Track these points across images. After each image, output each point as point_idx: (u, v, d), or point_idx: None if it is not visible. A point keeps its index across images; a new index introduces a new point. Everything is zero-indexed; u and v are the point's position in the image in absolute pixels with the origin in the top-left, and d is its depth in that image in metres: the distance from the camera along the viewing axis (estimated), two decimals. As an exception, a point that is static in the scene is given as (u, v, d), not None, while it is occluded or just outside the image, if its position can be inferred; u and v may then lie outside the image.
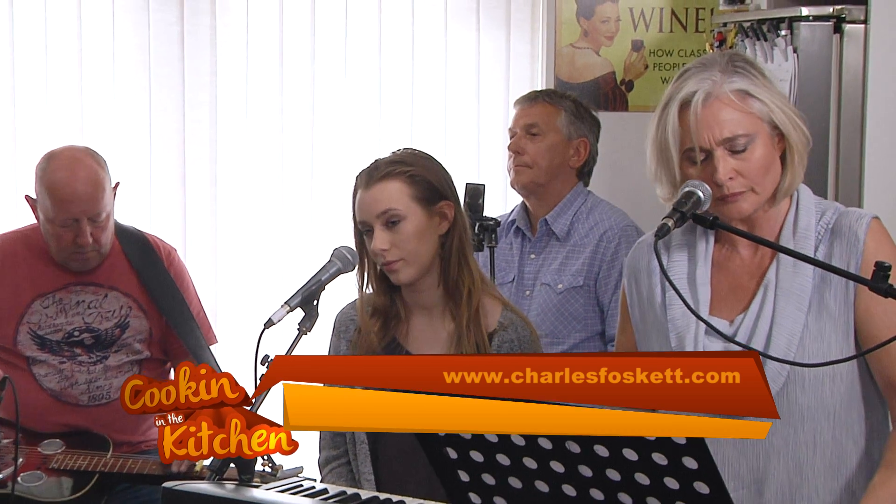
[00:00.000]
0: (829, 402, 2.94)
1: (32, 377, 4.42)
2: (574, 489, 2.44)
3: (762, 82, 2.93)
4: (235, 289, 5.38)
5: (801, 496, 2.97)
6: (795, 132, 2.92)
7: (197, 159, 5.38)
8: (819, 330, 2.93)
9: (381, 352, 3.59)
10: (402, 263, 3.49)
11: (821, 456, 2.96)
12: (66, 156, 4.39)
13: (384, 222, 3.48)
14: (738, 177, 2.88)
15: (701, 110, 2.89)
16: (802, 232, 2.96)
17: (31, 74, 5.29)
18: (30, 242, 4.50)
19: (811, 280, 2.93)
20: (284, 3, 5.34)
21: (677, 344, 2.99)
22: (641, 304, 3.12)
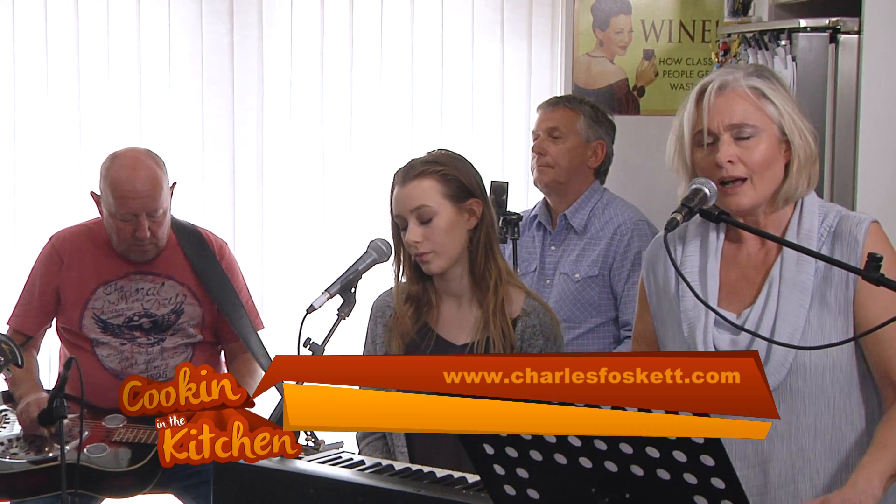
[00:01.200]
0: (829, 391, 2.93)
1: (96, 358, 4.44)
2: (601, 483, 2.44)
3: (781, 91, 2.91)
4: (280, 278, 5.39)
5: (802, 477, 2.95)
6: (801, 141, 2.89)
7: (245, 160, 5.39)
8: (820, 324, 2.91)
9: (416, 335, 3.60)
10: (433, 255, 3.49)
11: (821, 440, 2.95)
12: (128, 156, 4.41)
13: (417, 217, 3.49)
14: (738, 162, 2.86)
15: (715, 97, 2.89)
16: (806, 234, 2.94)
17: (95, 82, 5.31)
18: (94, 235, 4.51)
19: (813, 277, 2.91)
20: (325, 17, 5.34)
21: (689, 333, 2.98)
22: (658, 293, 3.11)
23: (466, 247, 3.54)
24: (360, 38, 5.37)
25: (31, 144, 5.31)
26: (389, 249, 3.60)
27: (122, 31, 5.29)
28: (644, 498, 2.44)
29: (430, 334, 3.59)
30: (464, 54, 5.39)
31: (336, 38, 5.36)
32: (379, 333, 3.65)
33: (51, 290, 4.50)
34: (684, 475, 2.37)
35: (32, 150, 5.31)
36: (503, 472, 2.59)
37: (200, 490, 4.29)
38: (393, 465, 3.23)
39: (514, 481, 2.59)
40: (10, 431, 4.36)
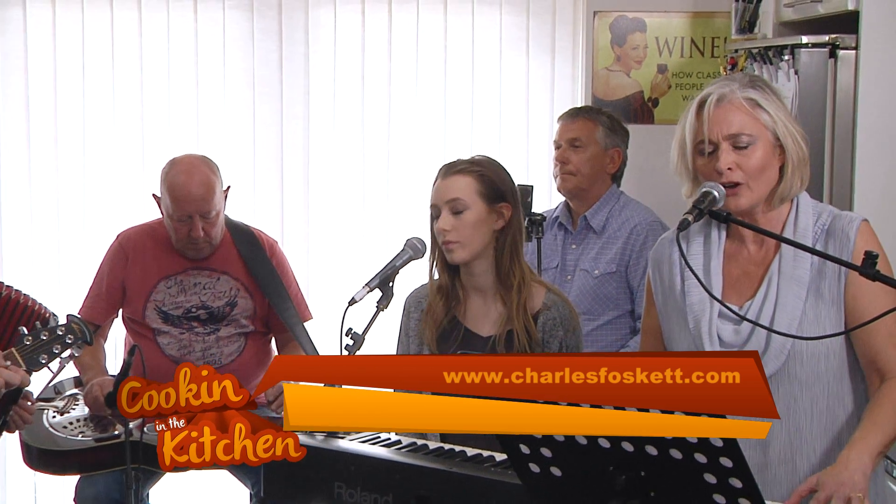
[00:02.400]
0: (823, 376, 2.93)
1: (157, 346, 4.46)
2: (627, 481, 2.43)
3: (773, 100, 2.93)
4: (324, 273, 5.40)
5: (799, 454, 2.95)
6: (794, 146, 2.91)
7: (293, 165, 5.40)
8: (816, 314, 2.91)
9: (446, 326, 3.60)
10: (458, 245, 3.50)
11: (817, 421, 2.95)
12: (185, 162, 4.42)
13: (451, 208, 3.50)
14: (736, 169, 2.87)
15: (714, 109, 2.90)
16: (801, 231, 2.95)
17: (157, 94, 5.34)
18: (155, 234, 4.53)
19: (809, 272, 2.93)
20: (366, 34, 5.35)
21: (694, 326, 2.98)
22: (664, 290, 3.11)
23: (493, 245, 3.55)
24: (398, 53, 5.37)
25: (98, 151, 5.33)
26: (424, 247, 3.60)
27: (181, 48, 5.31)
28: (658, 475, 2.44)
29: (458, 326, 3.59)
30: (492, 68, 5.39)
31: (375, 54, 5.37)
32: (412, 327, 3.66)
33: (117, 284, 4.53)
34: (695, 455, 2.36)
35: (100, 157, 5.34)
36: (528, 452, 2.59)
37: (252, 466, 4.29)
38: (427, 445, 3.23)
39: (538, 460, 2.59)
40: (80, 412, 4.39)
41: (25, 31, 5.26)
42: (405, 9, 5.35)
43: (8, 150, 5.31)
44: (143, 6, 5.28)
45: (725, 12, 5.12)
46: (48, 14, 5.26)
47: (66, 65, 5.28)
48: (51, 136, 5.30)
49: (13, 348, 3.42)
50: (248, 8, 5.32)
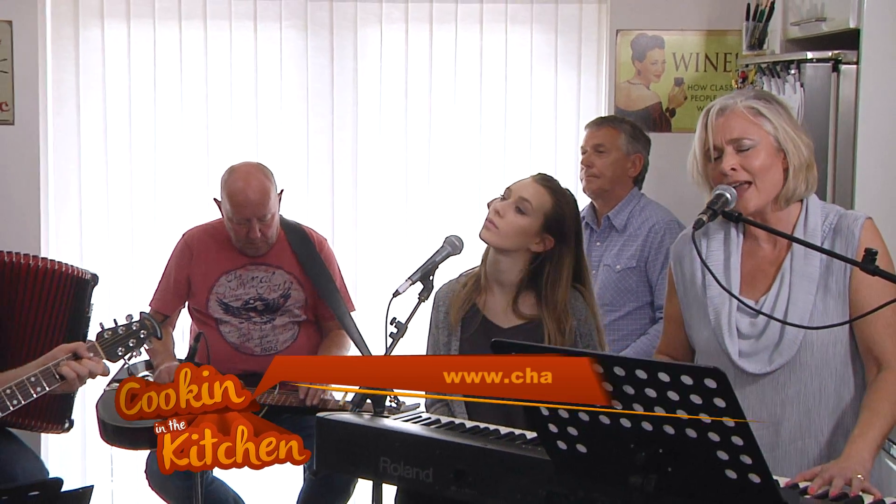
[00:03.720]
0: (831, 362, 2.92)
1: (219, 333, 4.47)
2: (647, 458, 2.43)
3: (775, 109, 2.92)
4: (371, 268, 5.40)
5: (808, 435, 2.94)
6: (795, 150, 2.91)
7: (342, 169, 5.41)
8: (825, 307, 2.91)
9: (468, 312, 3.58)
10: (495, 231, 3.50)
11: (825, 404, 2.93)
12: (242, 170, 4.43)
13: (516, 205, 3.50)
14: (740, 170, 2.87)
15: (716, 118, 2.91)
16: (811, 230, 2.94)
17: (219, 105, 5.35)
18: (217, 233, 4.55)
19: (818, 268, 2.92)
20: (409, 51, 5.35)
21: (714, 318, 2.98)
22: (685, 283, 3.10)
23: (527, 259, 3.53)
24: (438, 68, 5.37)
25: (167, 159, 5.36)
26: (462, 244, 3.59)
27: (242, 63, 5.33)
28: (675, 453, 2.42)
29: (477, 315, 3.59)
30: (524, 81, 5.38)
31: (418, 68, 5.37)
32: (440, 319, 3.65)
33: (183, 278, 4.54)
34: (709, 434, 2.35)
35: (168, 164, 5.36)
36: (556, 430, 2.58)
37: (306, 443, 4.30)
38: (464, 424, 3.22)
39: (565, 438, 2.58)
40: (150, 393, 4.40)
41: (103, 48, 5.29)
42: (445, 28, 5.35)
43: (87, 157, 5.34)
44: (209, 26, 5.30)
45: (737, 30, 5.10)
46: (123, 33, 5.28)
47: (138, 79, 5.31)
48: (125, 145, 5.33)
49: (96, 341, 3.47)
50: (302, 27, 5.32)
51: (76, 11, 5.26)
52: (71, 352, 3.36)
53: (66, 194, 5.34)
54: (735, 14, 5.08)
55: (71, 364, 3.34)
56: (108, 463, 5.32)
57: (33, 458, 4.19)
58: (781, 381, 2.92)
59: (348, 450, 3.18)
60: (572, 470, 2.64)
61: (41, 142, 5.21)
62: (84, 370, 3.34)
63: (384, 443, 3.09)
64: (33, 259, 4.03)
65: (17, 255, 4.01)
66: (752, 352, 2.93)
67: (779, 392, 2.93)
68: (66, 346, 3.39)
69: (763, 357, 2.92)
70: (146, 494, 4.50)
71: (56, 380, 3.33)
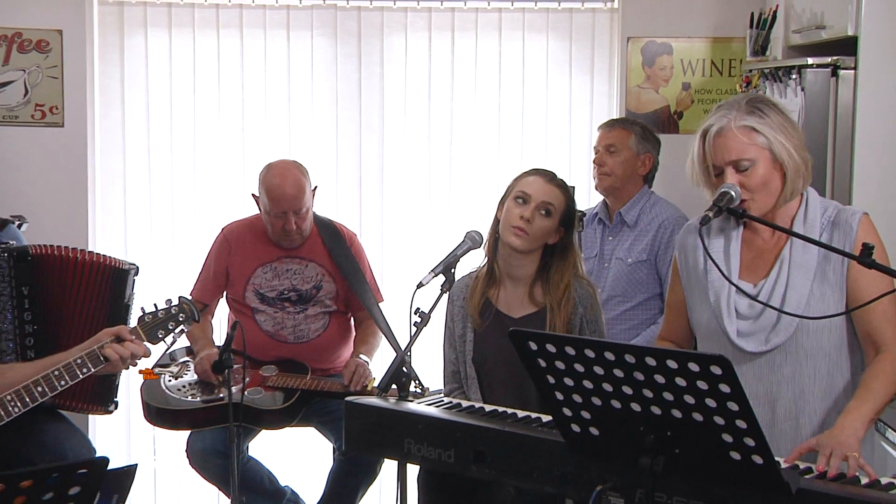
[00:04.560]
0: (826, 347, 2.93)
1: (255, 322, 4.48)
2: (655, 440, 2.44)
3: (769, 121, 2.91)
4: (396, 261, 5.40)
5: (803, 414, 2.95)
6: (789, 158, 2.91)
7: (369, 169, 5.41)
8: (821, 294, 2.91)
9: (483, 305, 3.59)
10: (525, 237, 3.52)
11: (818, 385, 2.94)
12: (279, 166, 4.44)
13: (539, 208, 3.51)
14: (742, 189, 2.88)
15: (714, 139, 2.91)
16: (810, 223, 2.96)
17: (255, 107, 5.36)
18: (254, 228, 4.56)
19: (816, 258, 2.93)
20: (432, 57, 5.35)
21: (714, 300, 3.00)
22: (688, 269, 3.11)
23: (542, 251, 3.56)
24: (459, 73, 5.36)
25: (206, 158, 5.37)
26: (481, 239, 3.59)
27: (276, 69, 5.33)
28: (682, 435, 2.42)
29: (490, 307, 3.59)
30: (540, 85, 5.37)
31: (440, 74, 5.37)
32: (456, 312, 3.65)
33: (222, 270, 4.56)
34: (714, 417, 2.34)
35: (207, 163, 5.37)
36: (570, 414, 2.58)
37: (335, 424, 4.32)
38: (483, 408, 3.22)
39: (579, 421, 2.58)
40: (191, 377, 4.42)
41: (146, 55, 5.30)
42: (466, 35, 5.34)
43: (131, 157, 5.35)
44: (245, 34, 5.30)
45: (741, 37, 5.08)
46: (165, 41, 5.30)
47: (179, 83, 5.32)
48: (166, 145, 5.34)
49: (137, 325, 3.48)
50: (332, 35, 5.33)
51: (121, 21, 5.28)
52: (114, 335, 3.37)
53: (111, 191, 5.35)
54: (739, 22, 5.07)
55: (114, 346, 3.35)
56: (150, 443, 5.35)
57: (81, 438, 4.20)
58: (777, 361, 2.93)
59: (375, 432, 3.18)
60: (585, 451, 2.64)
61: (88, 143, 5.23)
62: (126, 352, 3.35)
63: (408, 425, 3.10)
64: (80, 252, 4.04)
65: (66, 249, 4.03)
66: (750, 332, 2.95)
67: (774, 372, 2.94)
68: (110, 329, 3.40)
69: (760, 337, 2.93)
70: (187, 472, 4.51)
71: (100, 361, 3.34)
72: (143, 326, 3.48)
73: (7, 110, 5.15)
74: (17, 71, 5.15)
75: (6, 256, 3.88)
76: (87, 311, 4.05)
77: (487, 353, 3.55)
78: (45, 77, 5.16)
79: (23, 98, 5.16)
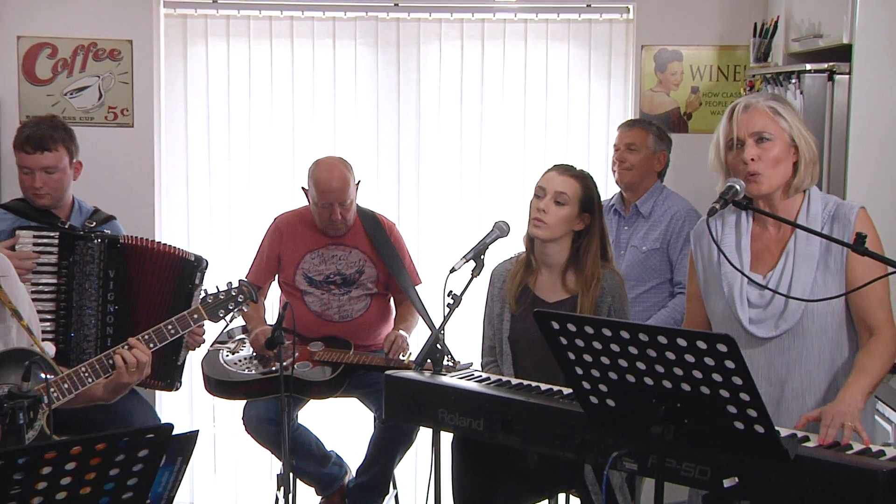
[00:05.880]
0: (829, 330, 2.92)
1: (304, 303, 4.50)
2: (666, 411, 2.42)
3: (790, 111, 2.95)
4: (432, 248, 5.40)
5: (808, 392, 2.94)
6: (806, 146, 2.93)
7: (407, 165, 5.41)
8: (824, 282, 2.91)
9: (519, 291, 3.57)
10: (545, 227, 3.50)
11: (822, 366, 2.94)
12: (326, 162, 4.45)
13: (555, 198, 3.50)
14: (758, 160, 2.88)
15: (741, 113, 2.91)
16: (812, 217, 2.95)
17: (304, 109, 5.36)
18: (303, 218, 4.57)
19: (819, 249, 2.92)
20: (464, 64, 5.33)
21: (728, 290, 3.00)
22: (704, 261, 3.10)
23: (570, 239, 3.52)
24: (488, 78, 5.35)
25: (259, 156, 5.38)
26: (508, 228, 3.59)
27: (323, 74, 5.34)
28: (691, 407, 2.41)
29: (528, 292, 3.58)
30: (562, 89, 5.35)
31: (471, 79, 5.35)
32: (495, 294, 3.65)
33: (274, 256, 4.57)
34: (720, 391, 2.33)
35: (261, 158, 5.39)
36: (589, 387, 2.57)
37: (375, 395, 4.33)
38: (510, 381, 3.22)
39: (596, 393, 2.58)
40: (246, 352, 4.45)
41: (207, 62, 5.31)
42: (494, 44, 5.33)
43: (193, 155, 5.37)
44: (295, 43, 5.31)
45: (745, 45, 5.04)
46: (223, 49, 5.31)
47: (236, 88, 5.33)
48: (225, 144, 5.36)
49: (199, 305, 3.49)
50: (373, 45, 5.32)
51: (185, 32, 5.30)
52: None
53: (175, 184, 5.38)
54: (744, 31, 5.03)
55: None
56: (210, 411, 5.37)
57: (148, 407, 4.23)
58: (786, 345, 2.92)
59: (412, 402, 3.19)
60: (602, 421, 2.63)
61: (155, 141, 5.25)
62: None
63: (442, 396, 3.11)
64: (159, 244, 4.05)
65: (149, 241, 4.04)
66: (761, 319, 2.94)
67: (783, 355, 2.93)
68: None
69: (770, 324, 2.92)
70: (243, 438, 4.54)
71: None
72: (206, 307, 3.49)
73: (83, 112, 5.19)
74: (92, 77, 5.18)
75: (99, 242, 3.92)
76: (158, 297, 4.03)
77: (523, 334, 3.54)
78: (117, 82, 5.18)
79: (97, 101, 5.19)
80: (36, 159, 4.00)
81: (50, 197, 4.06)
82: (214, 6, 5.26)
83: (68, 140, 4.09)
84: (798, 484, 2.43)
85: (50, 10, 5.14)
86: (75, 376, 3.11)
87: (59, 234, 3.92)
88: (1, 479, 2.12)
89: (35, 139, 4.01)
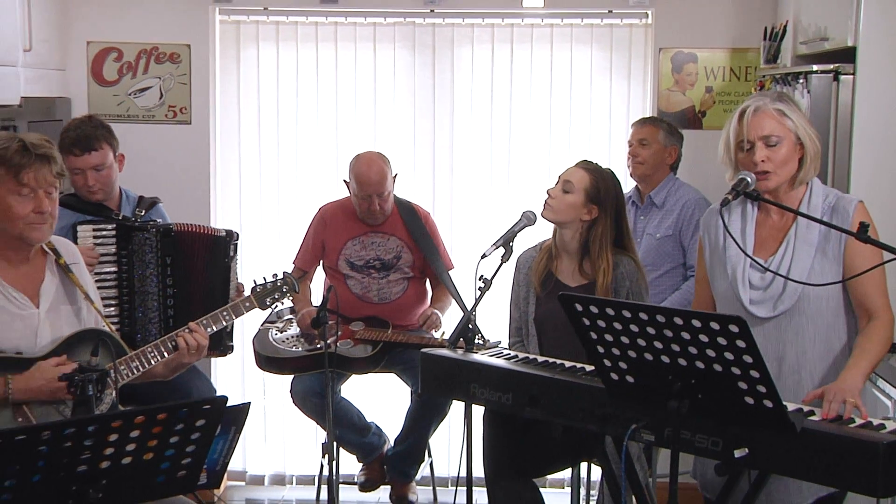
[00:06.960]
0: (824, 313, 2.91)
1: (346, 286, 4.52)
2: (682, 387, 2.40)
3: (795, 110, 2.94)
4: (464, 236, 5.39)
5: (804, 370, 2.94)
6: (811, 143, 2.92)
7: (441, 159, 5.40)
8: (821, 267, 2.90)
9: (543, 276, 3.57)
10: (549, 209, 3.53)
11: (819, 346, 2.93)
12: (366, 157, 4.46)
13: (562, 187, 3.53)
14: (767, 161, 2.87)
15: (751, 116, 2.90)
16: (814, 207, 2.94)
17: (346, 108, 5.37)
18: (345, 208, 4.59)
19: (818, 237, 2.91)
20: (494, 65, 5.31)
21: (731, 273, 2.99)
22: (711, 246, 3.10)
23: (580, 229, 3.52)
24: (517, 79, 5.32)
25: (307, 149, 5.39)
26: (535, 217, 3.58)
27: (364, 75, 5.34)
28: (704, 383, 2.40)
29: (551, 277, 3.57)
30: (585, 88, 5.32)
31: (501, 79, 5.33)
32: (521, 280, 3.65)
33: (319, 242, 4.59)
34: (732, 368, 2.32)
35: (307, 153, 5.40)
36: (609, 364, 2.57)
37: (412, 371, 4.35)
38: (536, 358, 3.22)
39: (617, 370, 2.57)
40: (294, 331, 4.47)
41: (258, 64, 5.33)
42: (522, 48, 5.30)
43: (246, 150, 5.40)
44: (339, 46, 5.31)
45: (756, 48, 5.00)
46: (273, 53, 5.32)
47: (285, 87, 5.34)
48: (274, 140, 5.38)
49: (251, 294, 3.53)
50: (410, 48, 5.32)
51: (238, 37, 5.32)
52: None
53: (229, 177, 5.40)
54: (755, 35, 4.99)
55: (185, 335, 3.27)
56: (261, 385, 5.41)
57: (205, 380, 4.26)
58: (783, 324, 2.91)
59: (445, 377, 3.20)
60: (622, 395, 2.63)
61: (211, 137, 5.28)
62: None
63: (474, 372, 3.11)
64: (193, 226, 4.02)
65: (186, 225, 4.03)
66: (761, 300, 2.93)
67: (780, 333, 2.92)
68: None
69: (769, 304, 2.92)
70: (290, 409, 4.57)
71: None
72: (256, 295, 3.55)
73: (146, 111, 5.23)
74: (153, 78, 5.21)
75: (154, 231, 3.95)
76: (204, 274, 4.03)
77: (547, 316, 3.54)
78: (177, 83, 5.21)
79: (158, 101, 5.22)
80: (85, 160, 3.97)
81: (102, 192, 4.05)
82: (265, 13, 5.27)
83: (109, 136, 4.07)
84: (804, 454, 2.42)
85: (116, 18, 5.19)
86: (143, 356, 3.15)
87: (116, 225, 3.94)
88: (72, 445, 2.15)
89: (81, 141, 3.97)
